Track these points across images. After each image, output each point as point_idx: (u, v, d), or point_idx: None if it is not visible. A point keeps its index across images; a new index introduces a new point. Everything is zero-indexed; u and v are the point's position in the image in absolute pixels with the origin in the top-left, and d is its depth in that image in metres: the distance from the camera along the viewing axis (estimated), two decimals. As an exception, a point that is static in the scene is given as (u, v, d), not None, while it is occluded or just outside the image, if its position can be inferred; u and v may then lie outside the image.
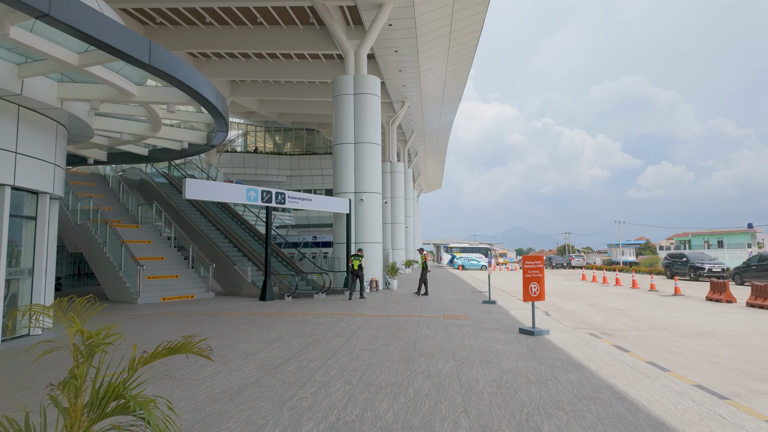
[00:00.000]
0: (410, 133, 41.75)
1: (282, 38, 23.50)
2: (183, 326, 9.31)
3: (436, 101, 34.60)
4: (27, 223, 8.58)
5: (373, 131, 18.03)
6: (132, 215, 19.74)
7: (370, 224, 17.56)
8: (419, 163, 56.31)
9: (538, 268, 8.60)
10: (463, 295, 15.87)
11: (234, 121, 45.16)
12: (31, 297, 8.52)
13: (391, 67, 25.91)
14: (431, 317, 10.50)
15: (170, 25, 23.29)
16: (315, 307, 12.33)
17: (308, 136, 45.37)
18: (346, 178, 17.74)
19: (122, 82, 7.99)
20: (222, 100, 9.07)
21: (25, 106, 7.99)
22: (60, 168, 9.16)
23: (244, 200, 13.83)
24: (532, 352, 6.85)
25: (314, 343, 7.46)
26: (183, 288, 15.83)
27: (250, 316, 10.80)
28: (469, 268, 43.86)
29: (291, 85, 31.73)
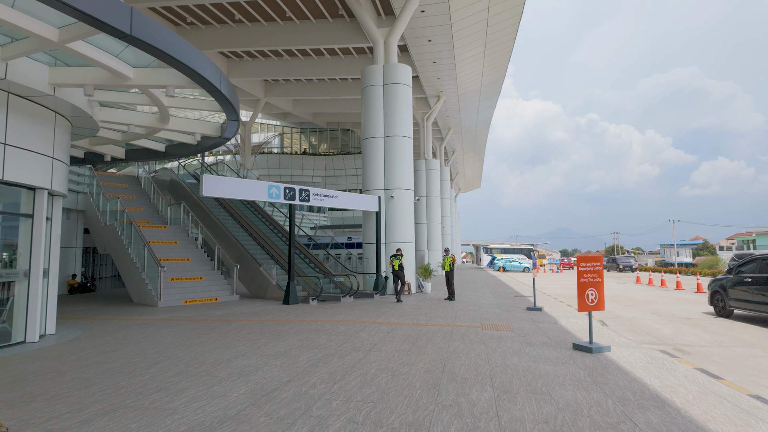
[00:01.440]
0: (446, 130, 40.22)
1: (312, 33, 22.77)
2: (189, 334, 8.45)
3: (473, 95, 32.95)
4: (25, 221, 7.96)
5: (403, 123, 16.83)
6: (162, 216, 19.48)
7: (401, 223, 16.35)
8: (456, 162, 54.54)
9: (596, 271, 7.11)
10: (504, 301, 14.37)
11: (270, 123, 45.20)
12: (28, 300, 7.89)
13: (425, 59, 24.62)
14: (467, 327, 9.16)
15: (201, 24, 23.06)
16: (338, 313, 11.26)
17: (343, 136, 44.77)
18: (375, 175, 16.63)
19: (116, 64, 7.20)
20: (227, 83, 8.16)
21: (16, 93, 7.35)
22: (61, 162, 8.53)
23: (265, 197, 12.98)
24: (593, 377, 5.44)
25: (325, 359, 6.34)
26: (207, 290, 15.20)
27: (266, 322, 9.84)
28: (510, 269, 41.78)
29: (324, 83, 31.10)
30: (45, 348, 7.42)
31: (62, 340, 8.17)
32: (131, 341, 7.86)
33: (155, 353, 6.80)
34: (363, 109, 17.32)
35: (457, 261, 58.29)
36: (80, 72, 7.45)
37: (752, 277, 10.67)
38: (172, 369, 5.81)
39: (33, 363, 6.31)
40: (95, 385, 5.09)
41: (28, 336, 7.87)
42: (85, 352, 7.03)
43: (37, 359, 6.57)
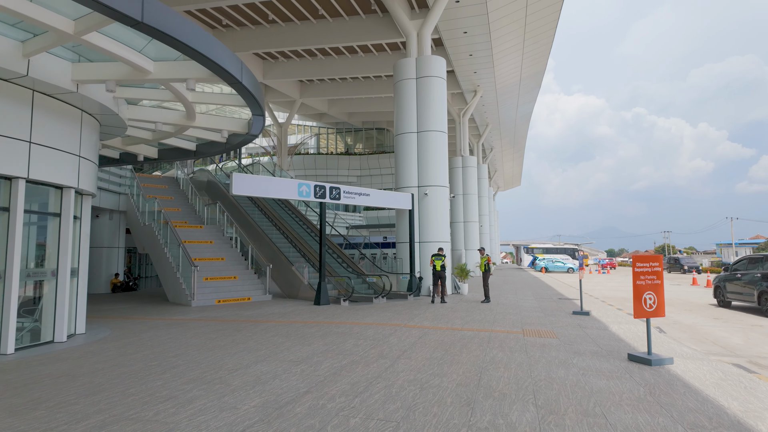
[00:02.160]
0: (484, 127, 39.07)
1: (345, 30, 22.49)
2: (214, 336, 8.19)
3: (512, 89, 31.74)
4: (52, 220, 7.93)
5: (437, 118, 16.17)
6: (199, 216, 19.71)
7: (435, 221, 15.69)
8: (495, 159, 53.07)
9: (654, 272, 6.26)
10: (547, 303, 13.45)
11: (306, 125, 45.48)
12: (56, 300, 7.85)
13: (461, 52, 23.80)
14: (506, 332, 8.44)
15: (236, 26, 23.24)
16: (369, 315, 10.77)
17: (378, 135, 44.46)
18: (408, 171, 16.05)
19: (137, 58, 7.00)
20: (250, 76, 7.83)
21: (40, 91, 7.30)
22: (88, 161, 8.47)
23: (295, 195, 12.69)
24: (655, 396, 4.66)
25: (349, 366, 5.84)
26: (240, 290, 15.11)
27: (294, 324, 9.48)
28: (553, 270, 40.11)
29: (358, 82, 30.84)
30: (70, 348, 7.33)
31: (89, 340, 8.09)
32: (155, 342, 7.67)
33: (175, 356, 6.53)
34: (396, 104, 16.79)
35: (496, 261, 56.70)
36: (102, 67, 7.32)
37: (741, 273, 13.48)
38: (187, 374, 5.49)
39: (52, 365, 6.17)
40: (104, 392, 4.81)
41: (56, 336, 7.83)
42: (106, 353, 6.86)
43: (58, 360, 6.43)
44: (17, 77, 6.72)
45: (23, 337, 7.58)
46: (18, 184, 7.03)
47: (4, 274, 6.91)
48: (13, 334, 6.91)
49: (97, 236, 20.96)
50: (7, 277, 6.89)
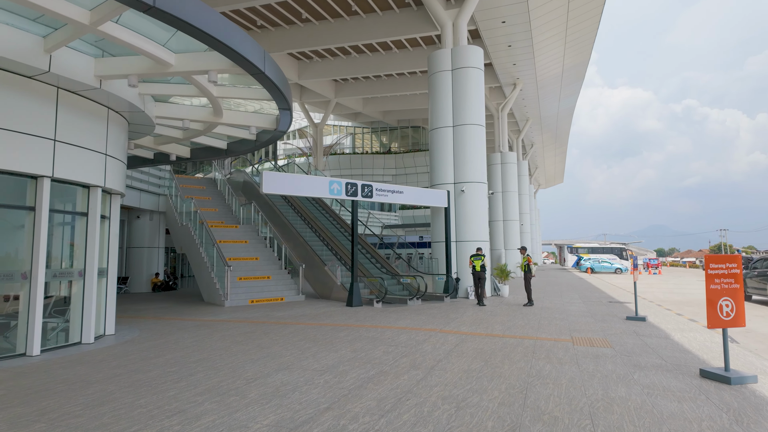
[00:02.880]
0: (524, 121, 37.65)
1: (378, 26, 22.05)
2: (240, 339, 7.86)
3: (553, 81, 30.31)
4: (79, 220, 7.84)
5: (474, 110, 15.39)
6: (235, 216, 19.79)
7: (473, 219, 14.92)
8: (536, 156, 51.24)
9: (732, 275, 5.36)
10: (596, 307, 12.43)
11: (341, 125, 45.44)
12: (83, 301, 7.74)
13: (499, 43, 22.81)
14: (553, 341, 7.66)
15: (271, 27, 23.26)
16: (402, 318, 10.20)
17: (414, 134, 43.83)
18: (443, 168, 15.36)
19: (158, 51, 6.75)
20: (274, 66, 7.43)
21: (65, 88, 7.18)
22: (116, 160, 8.35)
23: (326, 193, 12.30)
24: (743, 426, 3.85)
25: (377, 378, 5.29)
26: (273, 290, 14.91)
27: (323, 327, 9.04)
28: (599, 271, 38.14)
29: (393, 79, 30.37)
30: (95, 351, 7.17)
31: (117, 341, 7.95)
32: (180, 346, 7.41)
33: (195, 362, 6.21)
34: (430, 97, 16.14)
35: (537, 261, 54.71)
36: (124, 62, 7.13)
37: (758, 271, 15.15)
38: (204, 383, 5.11)
39: (72, 369, 5.96)
40: (113, 402, 4.48)
41: (84, 337, 7.72)
42: (128, 357, 6.63)
43: (79, 364, 6.24)
44: (40, 74, 6.60)
45: (54, 337, 7.51)
46: (43, 183, 6.92)
47: (30, 274, 6.82)
48: (38, 336, 6.81)
49: (138, 237, 21.45)
50: (32, 278, 6.80)
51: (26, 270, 6.81)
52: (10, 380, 5.37)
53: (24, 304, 6.81)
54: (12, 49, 6.09)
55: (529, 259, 12.96)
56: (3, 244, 6.83)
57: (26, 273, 6.81)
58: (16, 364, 6.24)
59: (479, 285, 13.08)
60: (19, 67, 6.34)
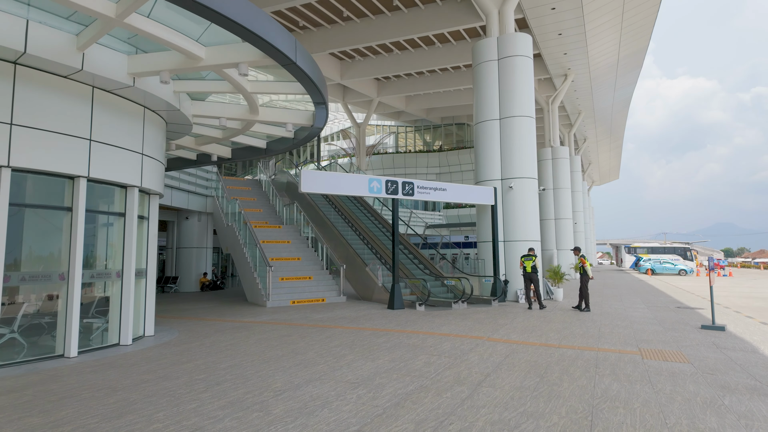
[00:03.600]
0: (576, 115, 35.74)
1: (421, 20, 21.48)
2: (276, 343, 7.53)
3: (608, 70, 28.46)
4: (117, 221, 7.79)
5: (523, 101, 14.44)
6: (279, 216, 19.86)
7: (522, 217, 13.98)
8: (589, 151, 48.67)
9: None
10: (663, 314, 11.23)
11: (384, 124, 45.13)
12: (121, 302, 7.69)
13: (548, 31, 21.57)
14: (618, 353, 6.78)
15: (313, 27, 23.21)
16: (446, 323, 9.55)
17: (458, 131, 42.81)
18: (489, 163, 14.51)
19: (188, 44, 6.52)
20: (306, 56, 7.04)
21: (100, 87, 7.12)
22: (153, 160, 8.27)
23: (365, 192, 11.86)
24: None
25: (416, 394, 4.73)
26: (315, 291, 14.67)
27: (362, 332, 8.57)
28: (661, 272, 35.55)
29: (436, 75, 29.68)
30: (130, 353, 7.05)
31: (154, 343, 7.84)
32: (214, 349, 7.17)
33: (226, 368, 5.89)
34: (475, 89, 15.34)
35: (592, 262, 51.94)
36: (155, 58, 6.97)
37: None
38: (229, 395, 4.75)
39: (103, 373, 5.81)
40: (131, 414, 4.19)
41: (122, 338, 7.66)
42: (160, 361, 6.44)
43: (111, 368, 6.09)
44: (73, 72, 6.54)
45: (93, 339, 7.49)
46: (79, 183, 6.88)
47: (67, 275, 6.78)
48: (75, 337, 6.76)
49: (187, 237, 21.98)
50: (69, 279, 6.76)
51: (63, 271, 6.79)
52: (39, 385, 5.26)
53: (62, 305, 6.79)
54: (45, 47, 6.03)
55: (584, 260, 11.94)
56: (41, 245, 6.85)
57: (63, 274, 6.78)
58: (51, 366, 6.18)
59: (531, 287, 12.29)
60: (52, 66, 6.29)
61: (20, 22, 5.84)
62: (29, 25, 5.92)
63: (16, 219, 6.42)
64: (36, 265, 6.75)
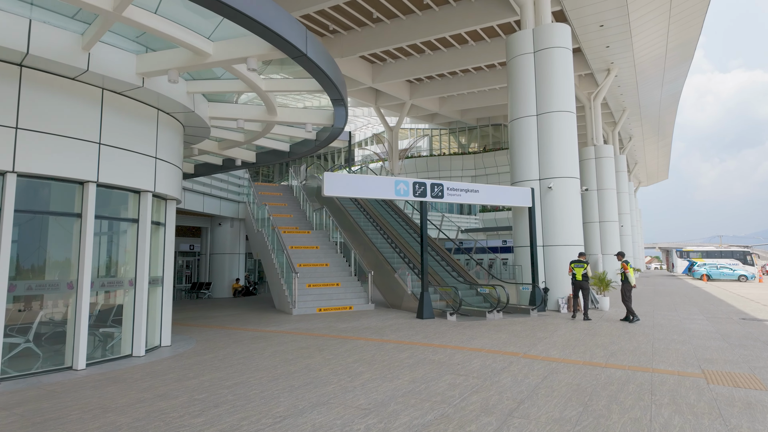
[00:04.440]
0: (620, 112, 33.84)
1: (453, 17, 20.82)
2: (291, 356, 7.03)
3: (655, 63, 26.67)
4: (130, 227, 7.55)
5: (562, 96, 13.46)
6: (309, 222, 19.63)
7: (563, 220, 12.97)
8: (635, 150, 46.12)
9: None
10: (726, 326, 9.98)
11: (418, 128, 44.47)
12: (134, 312, 7.41)
13: (589, 23, 20.34)
14: (677, 375, 5.83)
15: (343, 30, 22.98)
16: (478, 335, 8.77)
17: (494, 132, 41.59)
18: (526, 162, 13.59)
19: (195, 40, 6.17)
20: (318, 48, 6.53)
21: (110, 89, 6.89)
22: (168, 164, 8.00)
23: (392, 194, 11.26)
24: None
25: (434, 425, 4.06)
26: (342, 298, 14.19)
27: (385, 344, 7.95)
28: (718, 278, 32.95)
29: (470, 75, 28.83)
30: (138, 366, 6.73)
31: (167, 355, 7.52)
32: (225, 363, 6.75)
33: (230, 386, 5.42)
34: (510, 84, 14.48)
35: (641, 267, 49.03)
36: (163, 56, 6.67)
37: None
38: (223, 421, 4.24)
39: (102, 389, 5.46)
40: (111, 443, 3.75)
41: (134, 349, 7.38)
42: (165, 376, 6.05)
43: (113, 383, 5.75)
44: (80, 74, 6.31)
45: (104, 350, 7.24)
46: (88, 189, 6.65)
47: (76, 283, 6.55)
48: (83, 349, 6.50)
49: (220, 243, 22.10)
50: (78, 288, 6.52)
51: (72, 279, 6.56)
52: (33, 402, 4.95)
53: (70, 315, 6.56)
54: (48, 47, 5.81)
55: (626, 265, 10.85)
56: (49, 252, 6.64)
57: (72, 283, 6.55)
58: (56, 380, 5.92)
59: (580, 296, 11.31)
60: (57, 67, 6.08)
61: (22, 22, 5.65)
62: (32, 24, 5.72)
63: (22, 226, 6.24)
64: (44, 274, 6.54)
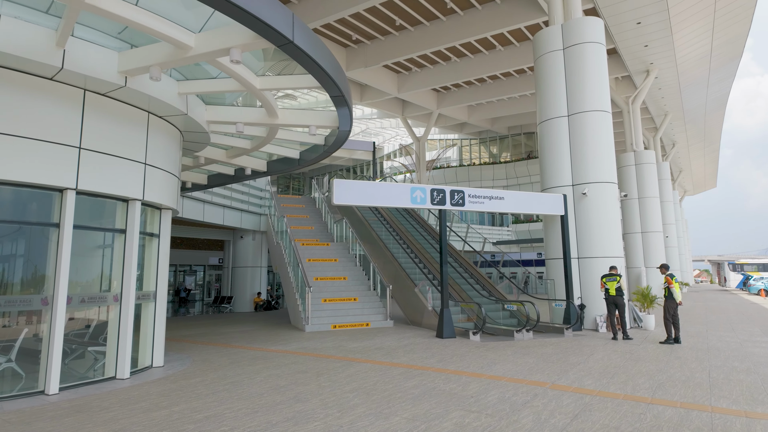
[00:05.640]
0: (661, 117, 31.84)
1: (478, 20, 20.03)
2: (283, 383, 6.25)
3: (699, 63, 24.86)
4: (117, 238, 7.03)
5: (596, 94, 12.33)
6: (330, 234, 19.08)
7: (600, 229, 11.73)
8: (679, 157, 43.49)
9: None
10: (799, 352, 8.50)
11: (447, 138, 43.56)
12: (119, 330, 6.84)
13: (625, 21, 19.06)
14: (744, 417, 4.67)
15: (366, 40, 22.58)
16: (501, 359, 7.72)
17: (527, 141, 40.20)
18: (557, 167, 12.47)
19: (176, 32, 5.63)
20: (307, 34, 5.84)
21: (92, 90, 6.43)
22: (159, 170, 7.49)
23: (407, 202, 10.42)
24: None
25: (426, 487, 3.16)
26: (359, 314, 13.37)
27: (392, 369, 7.05)
28: (778, 294, 30.07)
29: (499, 82, 27.85)
30: (114, 392, 6.10)
31: (154, 377, 6.89)
32: (210, 389, 6.03)
33: (199, 421, 4.68)
34: (537, 84, 13.47)
35: (689, 281, 45.76)
36: (144, 52, 6.16)
37: None
38: (170, 469, 3.50)
39: (58, 421, 4.84)
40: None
41: (118, 372, 6.79)
42: (136, 405, 5.39)
43: (75, 412, 5.13)
44: (56, 72, 5.87)
45: (85, 372, 6.68)
46: (66, 196, 6.17)
47: (52, 299, 6.03)
48: (56, 372, 5.93)
49: (242, 257, 21.78)
50: (53, 303, 6.00)
51: (47, 295, 6.05)
52: (-26, 435, 4.37)
53: (45, 333, 6.03)
54: (18, 44, 5.38)
55: (670, 279, 9.53)
56: (23, 265, 6.17)
57: (47, 298, 6.04)
58: (20, 407, 5.36)
59: (615, 313, 10.15)
60: (30, 65, 5.65)
61: (-12, 16, 5.26)
62: (0, 19, 5.32)
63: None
64: (17, 289, 6.06)
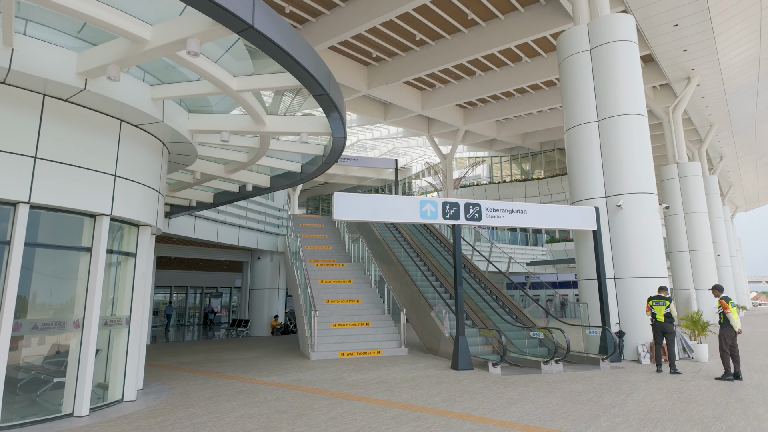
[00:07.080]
0: (706, 128, 29.64)
1: (502, 31, 19.23)
2: (253, 427, 5.29)
3: (746, 67, 22.91)
4: (83, 257, 6.38)
5: (629, 96, 11.09)
6: (348, 254, 18.28)
7: (638, 246, 10.30)
8: (728, 171, 40.49)
9: None
10: None
11: (476, 156, 42.39)
12: (79, 359, 6.09)
13: (660, 23, 17.70)
14: None
15: (387, 57, 22.14)
16: (519, 398, 6.50)
17: (561, 157, 38.56)
18: (587, 177, 11.21)
19: (130, 24, 5.01)
20: (273, 19, 5.06)
21: (53, 95, 5.89)
22: (132, 183, 6.85)
23: (417, 217, 9.42)
24: None
25: None
26: (371, 340, 12.33)
27: (389, 410, 5.97)
28: None
29: (528, 96, 26.80)
30: (74, 430, 5.32)
31: (114, 415, 6.06)
32: (176, 428, 5.17)
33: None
34: (563, 89, 12.36)
35: (746, 304, 41.92)
36: (100, 50, 5.59)
37: None
38: None
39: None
40: None
41: (76, 407, 6.02)
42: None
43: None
44: (4, 75, 5.34)
45: (37, 408, 5.93)
46: (18, 210, 5.57)
47: (-4, 325, 5.37)
48: (-4, 409, 5.23)
49: (259, 278, 21.20)
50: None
51: (-8, 320, 5.40)
52: None
53: (-12, 364, 5.36)
54: (-42, 42, 4.90)
55: (725, 304, 8.05)
56: (-34, 287, 5.57)
57: (-9, 324, 5.39)
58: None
59: (663, 342, 8.77)
60: (-28, 66, 5.15)
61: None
62: (-62, 15, 4.85)
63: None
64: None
